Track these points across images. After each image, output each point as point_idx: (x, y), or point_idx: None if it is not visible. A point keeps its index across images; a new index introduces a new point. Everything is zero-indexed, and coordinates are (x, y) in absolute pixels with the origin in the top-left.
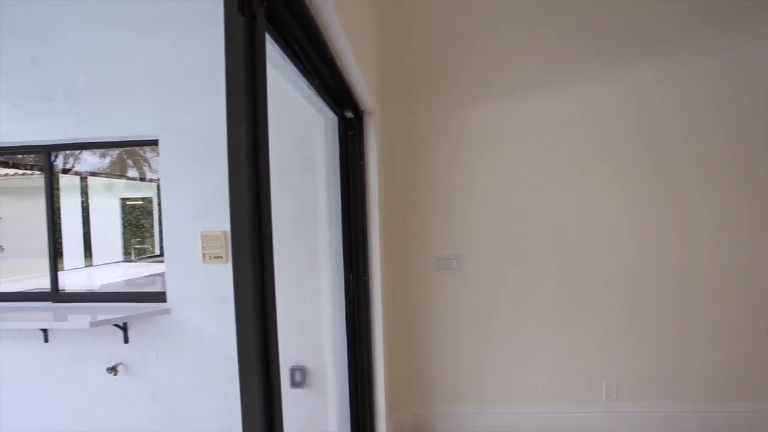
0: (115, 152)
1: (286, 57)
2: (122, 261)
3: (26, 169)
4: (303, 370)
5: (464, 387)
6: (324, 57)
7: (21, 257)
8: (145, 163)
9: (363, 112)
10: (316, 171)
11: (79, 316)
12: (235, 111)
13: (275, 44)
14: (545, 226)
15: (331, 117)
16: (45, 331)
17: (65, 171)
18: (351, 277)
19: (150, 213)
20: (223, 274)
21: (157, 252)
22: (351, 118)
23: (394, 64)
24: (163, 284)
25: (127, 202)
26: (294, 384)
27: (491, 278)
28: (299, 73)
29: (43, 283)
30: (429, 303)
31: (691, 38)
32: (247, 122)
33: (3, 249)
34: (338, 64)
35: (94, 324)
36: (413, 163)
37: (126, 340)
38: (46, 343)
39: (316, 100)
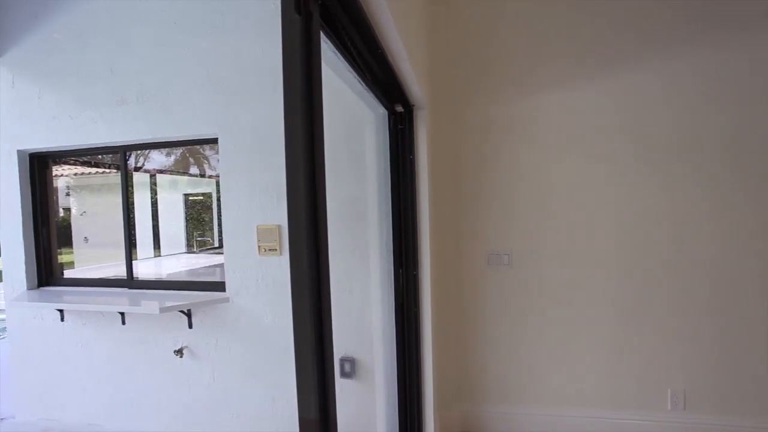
0: (178, 151)
1: (338, 53)
2: (185, 252)
3: (105, 168)
4: (352, 361)
5: (515, 385)
6: (375, 52)
7: (101, 247)
8: (205, 161)
9: (413, 106)
10: (365, 165)
11: (150, 302)
12: (292, 107)
13: (328, 41)
14: (605, 223)
15: (381, 112)
16: (122, 314)
17: (136, 169)
18: (400, 270)
19: (209, 207)
20: (277, 266)
21: (216, 244)
22: (401, 113)
23: (444, 56)
24: (222, 275)
25: (190, 198)
26: (343, 374)
27: (545, 275)
28: (350, 69)
29: (120, 271)
30: (479, 298)
31: None
32: (303, 118)
33: (87, 240)
34: (389, 58)
35: (163, 310)
36: (464, 157)
37: (190, 326)
38: (124, 325)
39: (366, 95)
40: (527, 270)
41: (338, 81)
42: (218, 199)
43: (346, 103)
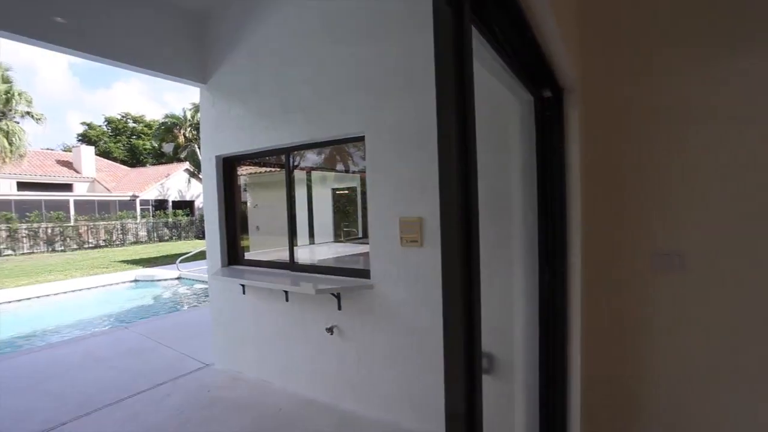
0: (327, 149)
1: (485, 41)
2: (333, 241)
3: (271, 167)
4: (490, 357)
5: (686, 417)
6: (525, 37)
7: (269, 235)
8: (349, 158)
9: (562, 89)
10: (508, 154)
11: (307, 284)
12: (444, 100)
13: (476, 30)
14: None
15: (527, 98)
16: (286, 292)
17: (294, 167)
18: (546, 267)
19: (353, 200)
20: (418, 256)
21: (360, 234)
22: (549, 97)
23: (598, 29)
24: (366, 263)
25: (337, 192)
26: None
27: (735, 285)
28: (497, 57)
29: (283, 256)
30: (640, 306)
31: None
32: (456, 110)
33: (259, 228)
34: (539, 41)
35: (317, 291)
36: (622, 142)
37: (339, 308)
38: (287, 302)
39: (511, 81)
40: (709, 277)
41: (479, 68)
42: (362, 193)
43: (488, 90)
